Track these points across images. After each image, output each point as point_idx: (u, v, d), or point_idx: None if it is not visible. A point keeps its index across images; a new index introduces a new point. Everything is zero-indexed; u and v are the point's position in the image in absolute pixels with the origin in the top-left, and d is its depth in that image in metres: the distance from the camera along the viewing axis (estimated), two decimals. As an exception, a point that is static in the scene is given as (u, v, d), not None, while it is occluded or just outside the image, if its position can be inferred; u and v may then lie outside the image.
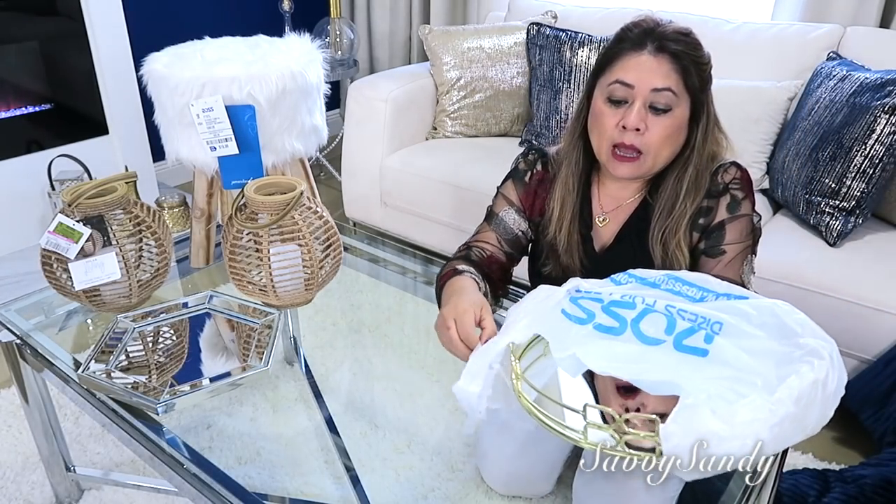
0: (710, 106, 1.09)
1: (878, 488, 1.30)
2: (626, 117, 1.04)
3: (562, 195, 1.17)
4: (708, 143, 1.09)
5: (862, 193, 1.65)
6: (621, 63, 1.05)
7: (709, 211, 1.10)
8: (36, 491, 1.49)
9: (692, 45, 1.04)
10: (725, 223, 1.09)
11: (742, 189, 1.10)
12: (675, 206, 1.09)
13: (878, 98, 1.61)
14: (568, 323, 0.84)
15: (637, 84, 1.03)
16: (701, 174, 1.09)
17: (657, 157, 1.06)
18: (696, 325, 0.78)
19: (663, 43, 1.03)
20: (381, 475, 1.18)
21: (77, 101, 2.52)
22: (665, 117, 1.04)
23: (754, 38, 2.10)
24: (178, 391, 1.07)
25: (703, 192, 1.10)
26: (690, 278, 0.87)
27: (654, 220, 1.11)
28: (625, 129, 1.04)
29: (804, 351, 0.74)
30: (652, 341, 0.79)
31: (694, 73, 1.04)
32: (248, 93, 1.29)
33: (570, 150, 1.16)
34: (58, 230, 1.17)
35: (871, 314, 1.54)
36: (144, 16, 2.77)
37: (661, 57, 1.03)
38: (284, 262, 1.16)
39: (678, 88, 1.03)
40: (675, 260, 1.10)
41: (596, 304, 0.85)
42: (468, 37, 2.39)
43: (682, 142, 1.08)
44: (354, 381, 1.46)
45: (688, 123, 1.07)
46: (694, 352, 0.76)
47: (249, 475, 1.20)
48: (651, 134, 1.04)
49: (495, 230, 1.22)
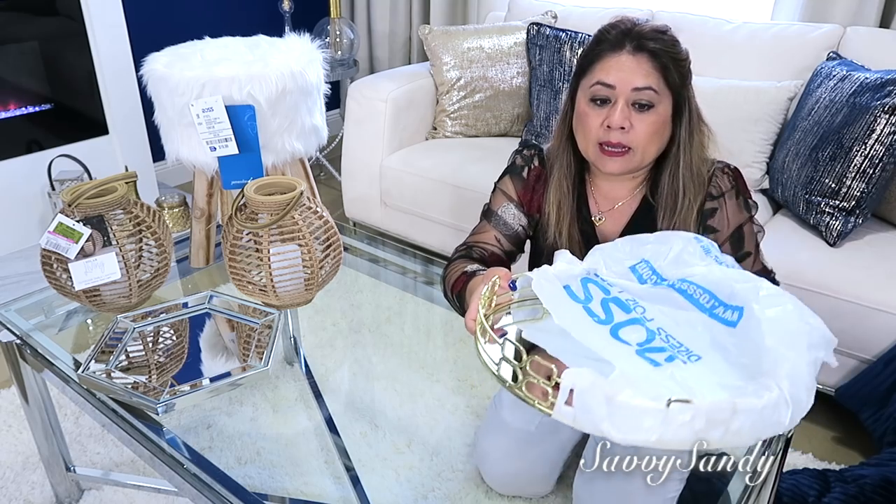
0: (692, 100, 1.10)
1: (878, 488, 1.30)
2: (610, 116, 1.05)
3: (557, 198, 1.17)
4: (694, 137, 1.10)
5: (862, 193, 1.65)
6: (601, 64, 1.06)
7: (713, 212, 1.11)
8: (36, 491, 1.49)
9: (669, 43, 1.06)
10: (743, 227, 1.12)
11: (742, 187, 1.13)
12: (677, 203, 1.10)
13: (878, 98, 1.61)
14: (565, 297, 0.84)
15: (618, 84, 1.04)
16: (698, 169, 1.10)
17: (645, 152, 1.07)
18: (669, 347, 0.78)
19: (641, 42, 1.04)
20: (381, 475, 1.18)
21: (77, 101, 2.52)
22: (648, 114, 1.05)
23: (754, 38, 2.10)
24: (178, 391, 1.07)
25: (703, 189, 1.11)
26: (706, 282, 0.85)
27: (660, 219, 1.12)
28: (610, 129, 1.05)
29: (757, 385, 0.70)
30: (620, 341, 0.79)
31: (673, 70, 1.05)
32: (248, 93, 1.29)
33: (559, 153, 1.17)
34: (58, 230, 1.17)
35: (871, 314, 1.54)
36: (144, 16, 2.77)
37: (639, 56, 1.04)
38: (284, 262, 1.16)
39: (659, 86, 1.04)
40: None
41: (600, 292, 0.85)
42: (468, 37, 2.39)
43: (667, 137, 1.09)
44: (354, 381, 1.47)
45: (671, 120, 1.08)
46: (650, 361, 0.76)
47: (249, 475, 1.20)
48: (636, 131, 1.05)
49: (495, 228, 1.21)
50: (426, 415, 1.34)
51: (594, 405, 0.66)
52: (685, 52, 1.08)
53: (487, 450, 1.16)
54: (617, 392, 0.66)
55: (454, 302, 1.10)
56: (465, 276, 1.08)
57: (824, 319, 0.77)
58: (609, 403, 0.66)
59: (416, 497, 1.16)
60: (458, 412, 1.34)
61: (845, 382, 1.60)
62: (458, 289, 1.08)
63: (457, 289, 1.08)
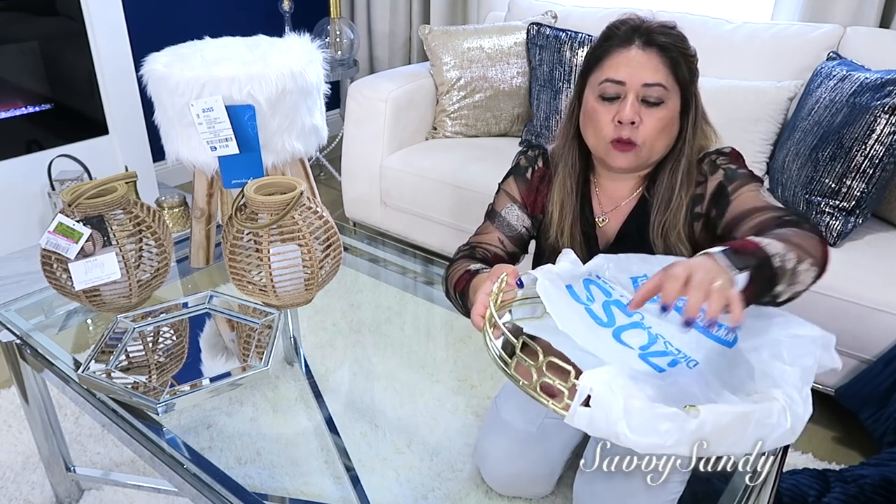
0: (699, 98, 1.10)
1: (878, 488, 1.30)
2: (621, 112, 1.04)
3: (560, 198, 1.16)
4: (698, 135, 1.10)
5: (862, 193, 1.65)
6: (610, 61, 1.06)
7: (700, 198, 1.10)
8: (36, 491, 1.49)
9: (679, 38, 1.06)
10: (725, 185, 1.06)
11: (733, 161, 1.09)
12: (671, 199, 1.10)
13: (878, 98, 1.61)
14: (568, 297, 0.84)
15: (628, 80, 1.04)
16: (692, 166, 1.10)
17: (653, 148, 1.07)
18: (673, 352, 0.78)
19: (651, 37, 1.04)
20: (381, 475, 1.18)
21: (77, 101, 2.52)
22: (658, 109, 1.04)
23: (754, 38, 2.10)
24: (178, 391, 1.07)
25: (694, 183, 1.10)
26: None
27: (653, 214, 1.11)
28: (620, 124, 1.05)
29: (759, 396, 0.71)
30: (623, 344, 0.79)
31: (683, 65, 1.05)
32: (248, 93, 1.29)
33: (565, 153, 1.17)
34: (58, 230, 1.17)
35: (871, 314, 1.54)
36: (144, 16, 2.77)
37: (649, 51, 1.04)
38: (284, 262, 1.16)
39: (668, 82, 1.04)
40: (676, 252, 1.10)
41: (602, 294, 0.85)
42: (468, 37, 2.38)
43: (675, 134, 1.09)
44: (354, 381, 1.47)
45: (679, 116, 1.08)
46: (653, 366, 0.76)
47: (249, 475, 1.20)
48: (646, 126, 1.05)
49: (498, 228, 1.21)
50: (426, 415, 1.34)
51: (611, 408, 0.66)
52: (693, 49, 1.08)
53: (488, 450, 1.16)
54: (634, 396, 0.65)
55: (457, 300, 1.10)
56: (468, 273, 1.08)
57: (824, 319, 0.77)
58: (627, 408, 0.65)
59: (416, 497, 1.16)
60: (458, 412, 1.34)
61: (845, 382, 1.60)
62: (462, 287, 1.07)
63: (460, 286, 1.08)
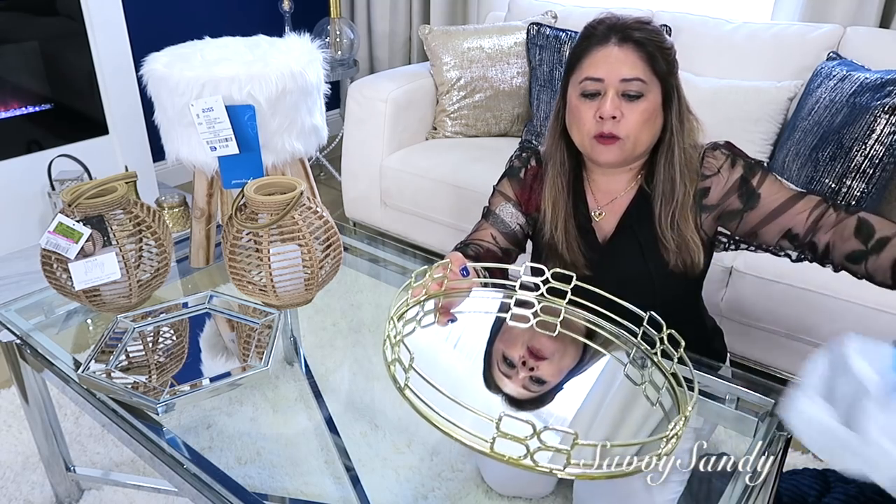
0: (681, 89, 1.12)
1: (878, 489, 1.30)
2: (602, 107, 1.07)
3: (552, 196, 1.18)
4: (685, 125, 1.12)
5: (862, 193, 1.65)
6: (589, 59, 1.08)
7: (707, 191, 1.12)
8: (36, 491, 1.49)
9: (654, 32, 1.08)
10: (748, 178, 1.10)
11: (739, 153, 1.13)
12: (674, 190, 1.11)
13: (878, 98, 1.61)
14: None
15: (606, 76, 1.06)
16: (690, 157, 1.12)
17: (637, 141, 1.09)
18: None
19: (627, 33, 1.06)
20: (381, 475, 1.18)
21: (77, 101, 2.52)
22: (638, 103, 1.06)
23: (754, 38, 2.10)
24: (178, 391, 1.07)
25: (697, 175, 1.12)
26: None
27: (657, 206, 1.13)
28: (602, 119, 1.07)
29: None
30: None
31: (660, 58, 1.07)
32: (248, 93, 1.28)
33: (553, 151, 1.19)
34: (58, 230, 1.17)
35: (871, 314, 1.54)
36: (144, 16, 2.77)
37: (625, 47, 1.06)
38: (284, 262, 1.16)
39: (646, 76, 1.06)
40: (691, 243, 1.12)
41: None
42: (468, 37, 2.39)
43: (659, 126, 1.11)
44: (354, 381, 1.46)
45: (662, 108, 1.09)
46: None
47: (249, 475, 1.20)
48: (628, 120, 1.07)
49: (492, 226, 1.23)
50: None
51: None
52: (670, 42, 1.10)
53: (488, 450, 1.16)
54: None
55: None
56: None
57: (824, 320, 0.75)
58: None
59: (416, 497, 1.16)
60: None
61: None
62: None
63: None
